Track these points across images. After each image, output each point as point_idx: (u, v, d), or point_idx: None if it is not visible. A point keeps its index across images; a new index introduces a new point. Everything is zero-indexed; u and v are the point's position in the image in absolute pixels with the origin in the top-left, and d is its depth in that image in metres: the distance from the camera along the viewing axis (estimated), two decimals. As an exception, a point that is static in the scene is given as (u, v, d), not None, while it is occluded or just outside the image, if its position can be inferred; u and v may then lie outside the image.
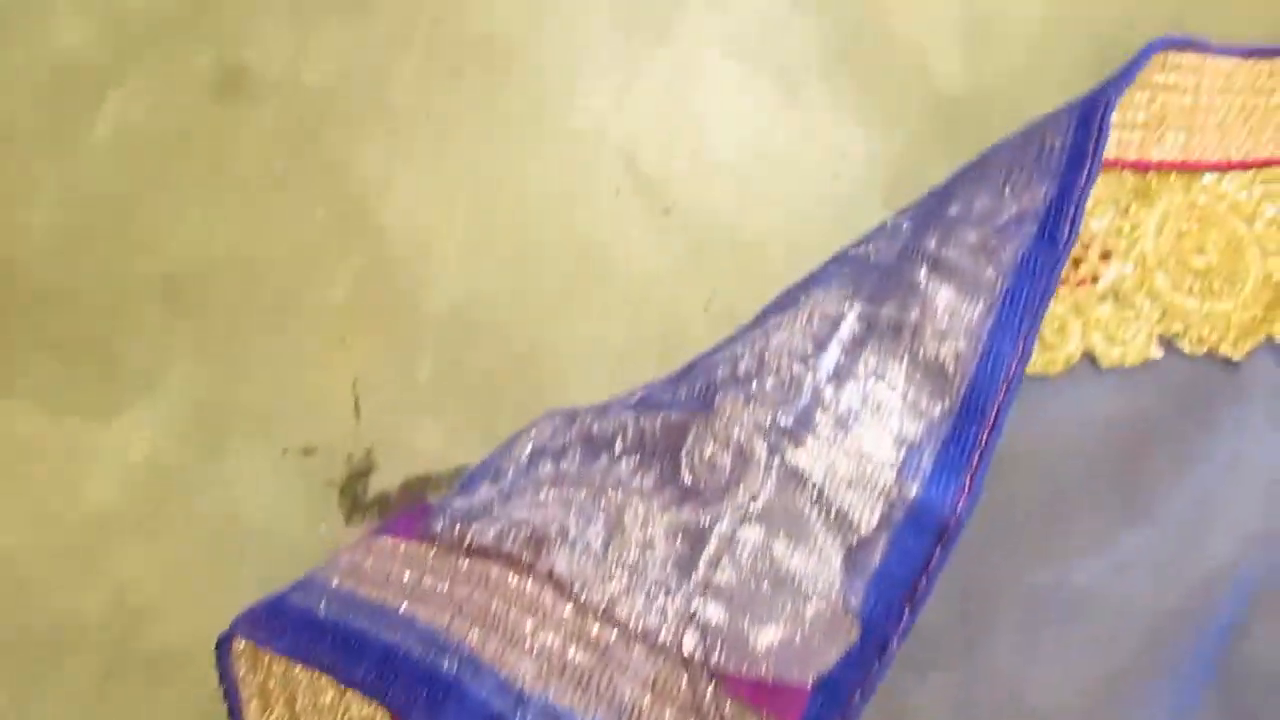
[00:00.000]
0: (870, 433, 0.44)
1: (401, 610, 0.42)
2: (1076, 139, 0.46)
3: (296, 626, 0.42)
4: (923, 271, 0.46)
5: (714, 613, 0.42)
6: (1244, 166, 0.51)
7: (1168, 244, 0.50)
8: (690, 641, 0.41)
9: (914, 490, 0.42)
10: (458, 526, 0.44)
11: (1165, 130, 0.51)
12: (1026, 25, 0.53)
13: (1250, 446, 0.48)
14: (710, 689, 0.40)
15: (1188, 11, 0.53)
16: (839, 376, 0.45)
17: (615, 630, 0.41)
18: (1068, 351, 0.49)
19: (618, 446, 0.47)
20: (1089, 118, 0.47)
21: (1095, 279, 0.50)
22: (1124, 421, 0.49)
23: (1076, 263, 0.50)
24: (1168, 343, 0.49)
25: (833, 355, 0.45)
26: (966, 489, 0.42)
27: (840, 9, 0.52)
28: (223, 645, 0.42)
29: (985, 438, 0.43)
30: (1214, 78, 0.51)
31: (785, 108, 0.51)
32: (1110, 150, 0.50)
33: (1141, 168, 0.51)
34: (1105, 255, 0.50)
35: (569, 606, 0.42)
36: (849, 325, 0.46)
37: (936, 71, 0.52)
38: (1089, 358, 0.49)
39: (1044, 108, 0.50)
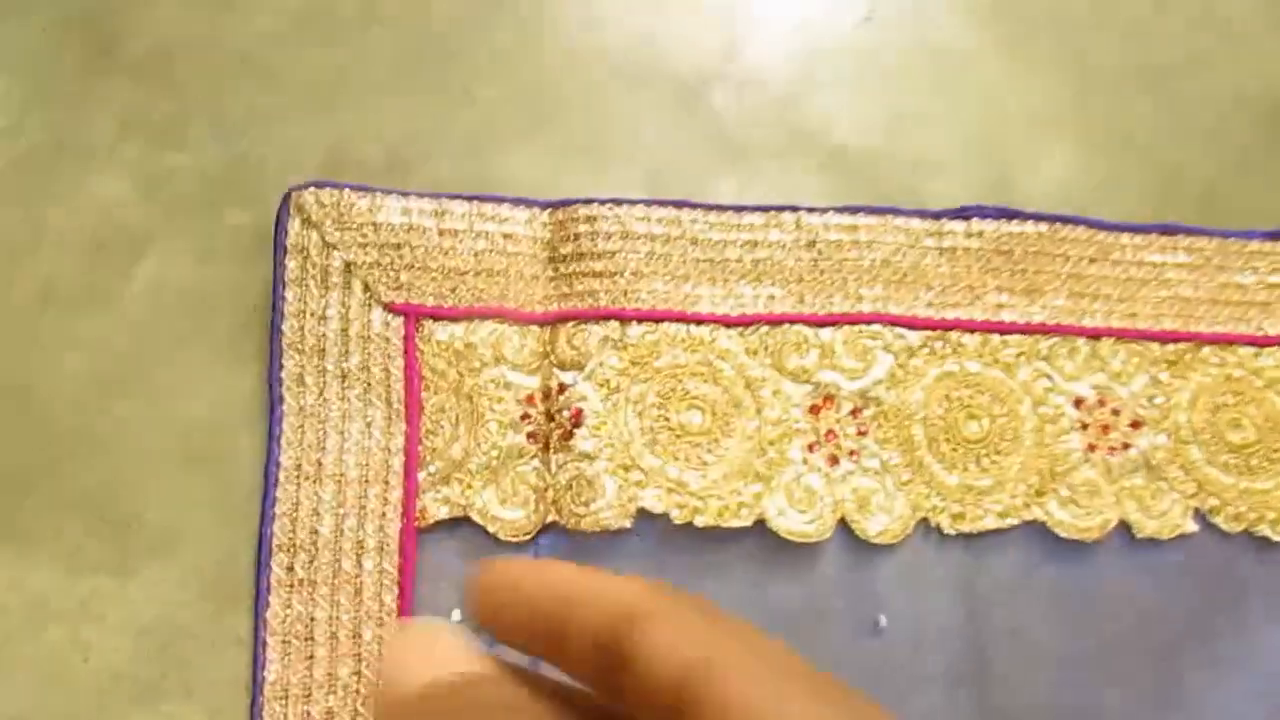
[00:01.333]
0: None
1: None
2: None
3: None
4: None
5: None
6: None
7: (1202, 417, 0.50)
8: None
9: None
10: None
11: (1199, 305, 0.52)
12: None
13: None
14: None
15: (1217, 192, 0.54)
16: None
17: None
18: (1104, 518, 0.48)
19: None
20: None
21: (1126, 446, 0.49)
22: (1156, 599, 0.47)
23: (1105, 429, 0.49)
24: (1203, 517, 0.49)
25: None
26: None
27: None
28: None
29: None
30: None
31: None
32: (1141, 323, 0.51)
33: (1172, 339, 0.51)
34: (1135, 424, 0.50)
35: None
36: None
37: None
38: (1124, 525, 0.48)
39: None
